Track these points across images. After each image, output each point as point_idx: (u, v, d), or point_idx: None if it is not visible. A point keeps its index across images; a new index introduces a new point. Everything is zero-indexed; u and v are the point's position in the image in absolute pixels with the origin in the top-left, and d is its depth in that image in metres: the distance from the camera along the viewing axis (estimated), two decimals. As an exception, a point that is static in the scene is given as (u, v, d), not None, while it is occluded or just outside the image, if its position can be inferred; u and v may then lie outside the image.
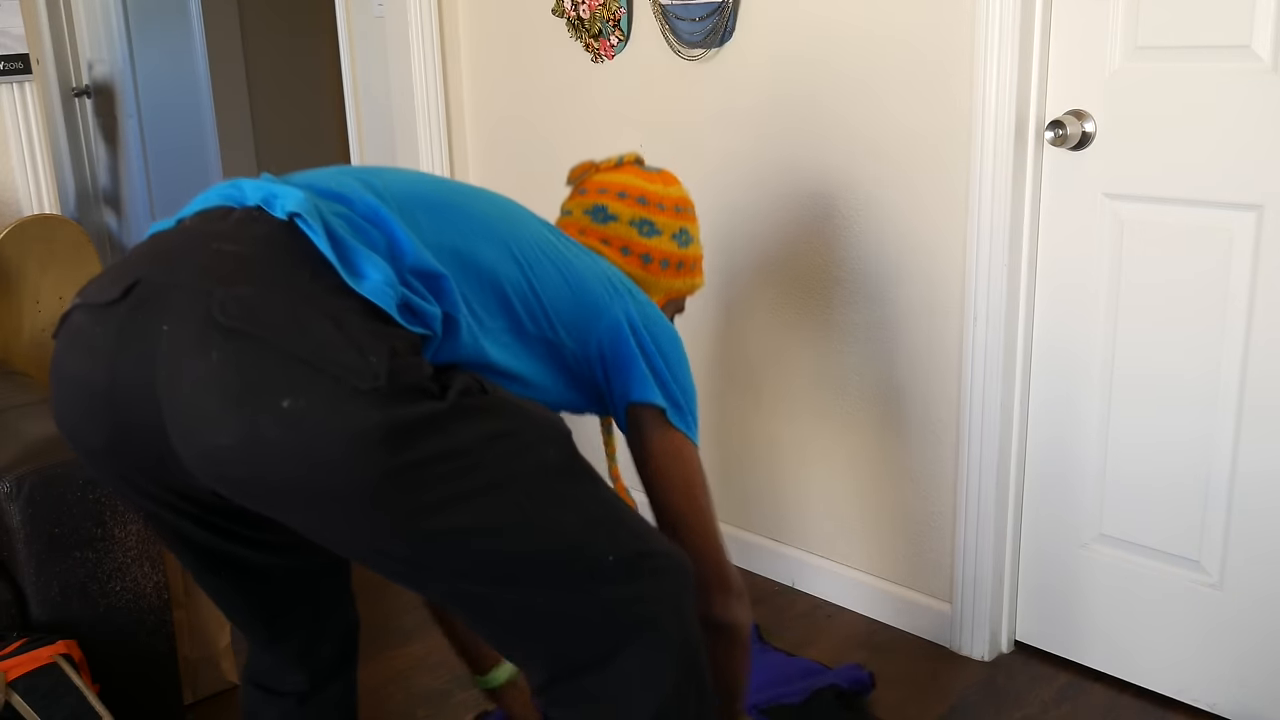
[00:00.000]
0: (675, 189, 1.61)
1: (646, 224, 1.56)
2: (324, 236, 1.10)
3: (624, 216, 1.56)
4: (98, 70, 5.12)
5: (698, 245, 1.63)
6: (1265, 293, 1.81)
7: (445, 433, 1.08)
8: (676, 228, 1.58)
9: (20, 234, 2.26)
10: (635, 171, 1.60)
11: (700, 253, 1.63)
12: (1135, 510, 2.03)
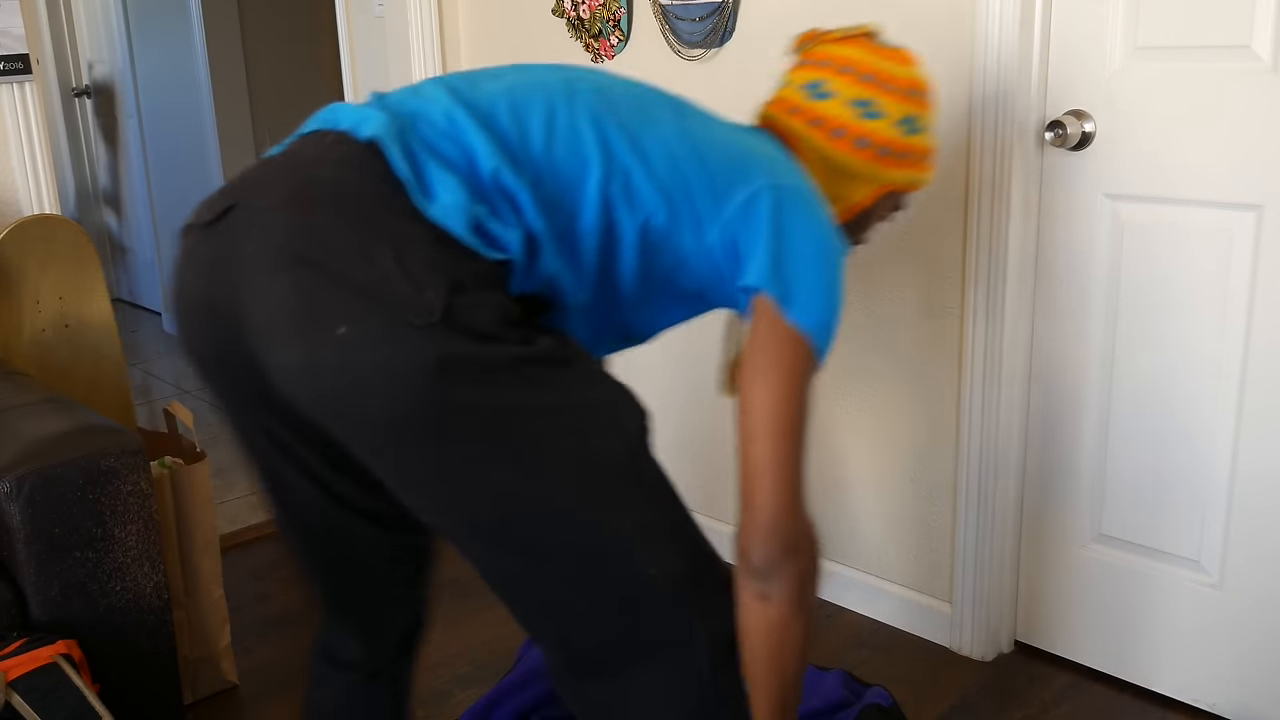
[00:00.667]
0: (909, 69, 1.41)
1: (867, 104, 1.38)
2: (401, 159, 1.10)
3: (843, 94, 1.38)
4: (98, 70, 5.12)
5: (928, 136, 1.43)
6: (1265, 293, 1.81)
7: (501, 386, 1.06)
8: (903, 112, 1.39)
9: (20, 234, 2.26)
10: (867, 45, 1.42)
11: (930, 145, 1.44)
12: (1135, 510, 2.03)
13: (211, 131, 4.28)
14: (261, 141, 4.39)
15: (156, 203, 4.85)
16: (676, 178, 1.20)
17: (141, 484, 1.80)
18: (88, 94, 5.25)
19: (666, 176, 1.20)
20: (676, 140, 1.22)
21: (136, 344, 4.82)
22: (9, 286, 2.26)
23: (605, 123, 1.20)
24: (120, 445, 1.79)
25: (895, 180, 1.41)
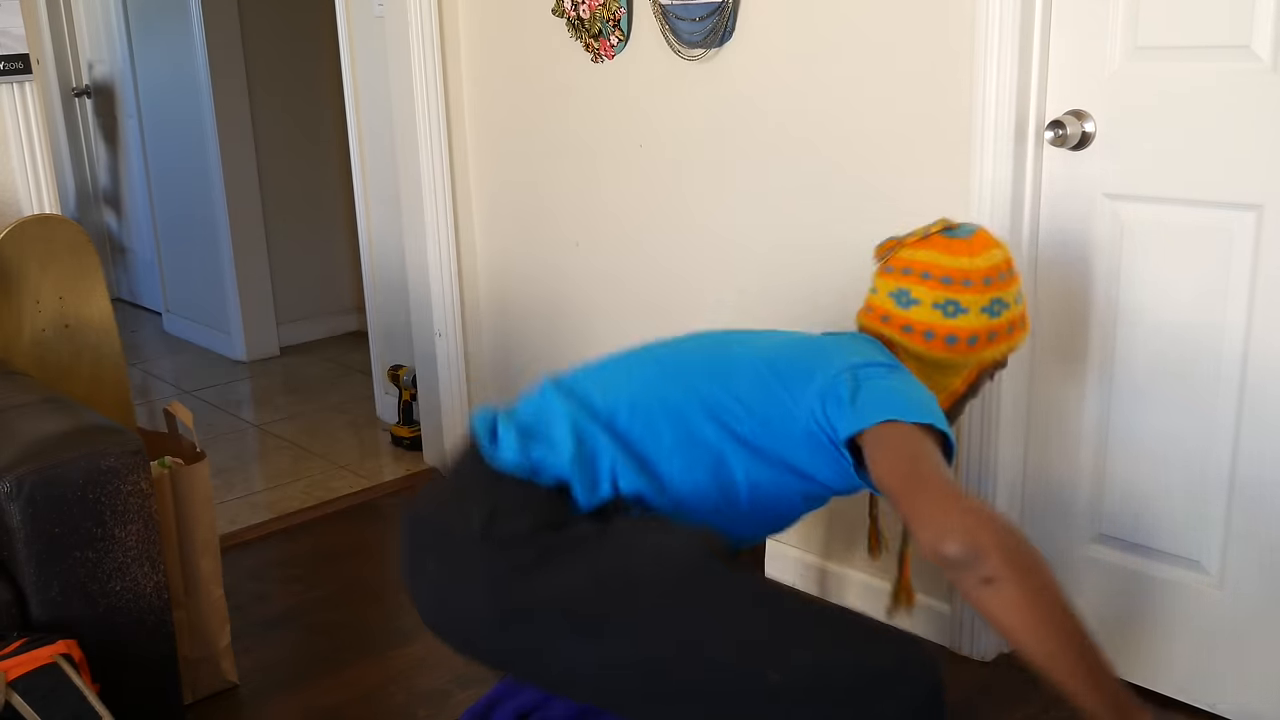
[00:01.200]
0: (983, 257, 1.55)
1: (951, 304, 1.52)
2: (510, 444, 1.43)
3: (926, 300, 1.53)
4: (98, 70, 5.12)
5: (1015, 307, 1.59)
6: (1265, 293, 1.81)
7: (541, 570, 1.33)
8: (986, 300, 1.54)
9: (20, 234, 2.26)
10: (942, 244, 1.55)
11: (1020, 310, 1.60)
12: (1135, 510, 2.03)
13: (211, 131, 4.28)
14: (262, 141, 4.39)
15: (156, 203, 4.85)
16: (764, 396, 1.41)
17: (141, 484, 1.80)
18: (88, 94, 5.25)
19: (759, 405, 1.41)
20: (757, 370, 1.44)
21: (136, 344, 4.82)
22: (9, 286, 2.26)
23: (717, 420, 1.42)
24: (120, 445, 1.79)
25: (988, 358, 1.58)
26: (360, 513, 3.02)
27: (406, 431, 3.43)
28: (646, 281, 2.69)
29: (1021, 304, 1.62)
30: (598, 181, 2.75)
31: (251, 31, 4.29)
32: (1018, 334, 1.61)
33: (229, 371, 4.41)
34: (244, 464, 3.42)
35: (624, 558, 1.32)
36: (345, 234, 4.62)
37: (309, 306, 4.69)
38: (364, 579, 2.65)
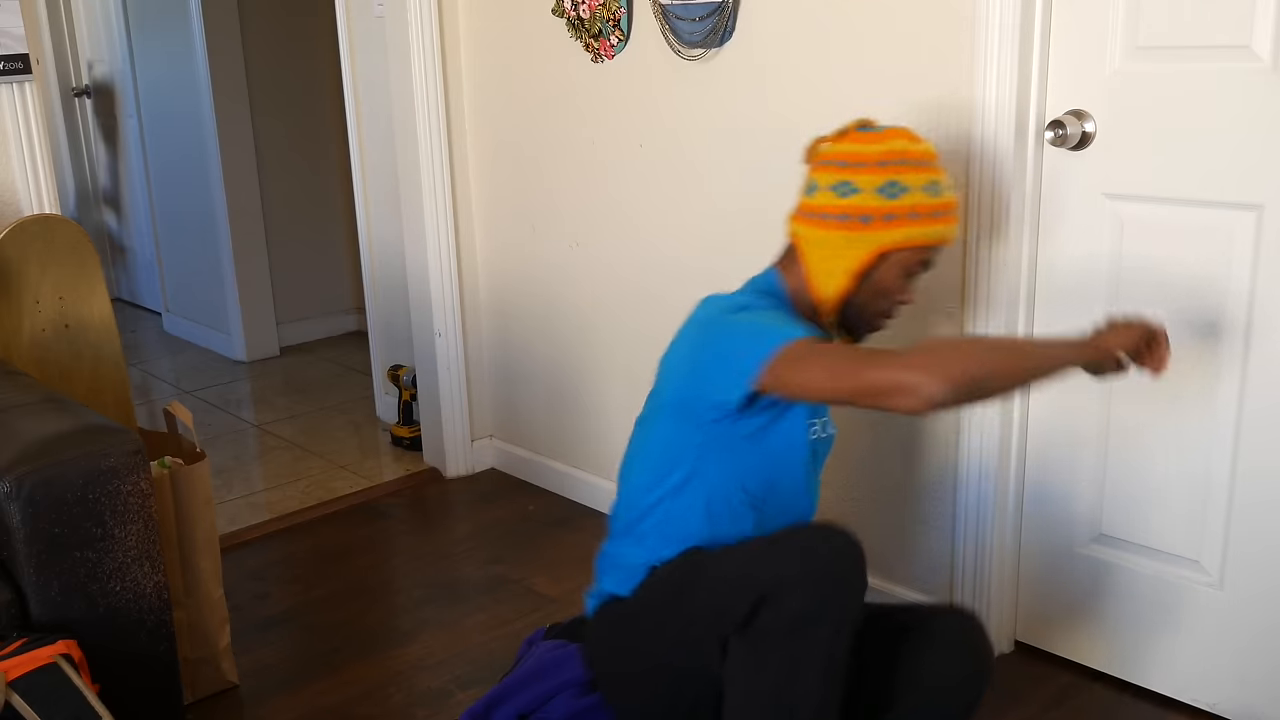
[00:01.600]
0: (883, 144, 1.59)
1: (845, 185, 1.58)
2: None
3: (824, 184, 1.60)
4: (98, 70, 5.12)
5: (920, 194, 1.57)
6: (1265, 293, 1.81)
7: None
8: (881, 181, 1.57)
9: (20, 234, 2.26)
10: (852, 137, 1.61)
11: (928, 201, 1.58)
12: (1135, 510, 2.03)
13: (211, 131, 4.28)
14: (261, 141, 4.39)
15: (156, 203, 4.85)
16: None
17: (141, 484, 1.80)
18: (88, 94, 5.25)
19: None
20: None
21: (136, 344, 4.82)
22: (9, 286, 2.26)
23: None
24: (120, 445, 1.78)
25: (887, 241, 1.57)
26: (360, 513, 3.02)
27: (406, 431, 3.43)
28: (646, 281, 2.69)
29: (934, 196, 1.58)
30: (598, 181, 2.75)
31: (251, 32, 4.29)
32: (925, 224, 1.57)
33: (229, 371, 4.41)
34: (244, 464, 3.43)
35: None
36: (345, 234, 4.62)
37: (309, 306, 4.69)
38: (364, 579, 2.65)
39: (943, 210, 1.59)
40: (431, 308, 3.09)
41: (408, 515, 3.01)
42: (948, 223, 1.60)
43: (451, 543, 2.84)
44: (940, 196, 1.60)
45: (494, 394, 3.23)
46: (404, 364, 3.45)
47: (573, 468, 3.03)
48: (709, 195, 2.50)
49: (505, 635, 2.36)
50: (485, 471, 3.25)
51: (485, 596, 2.53)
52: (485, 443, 3.26)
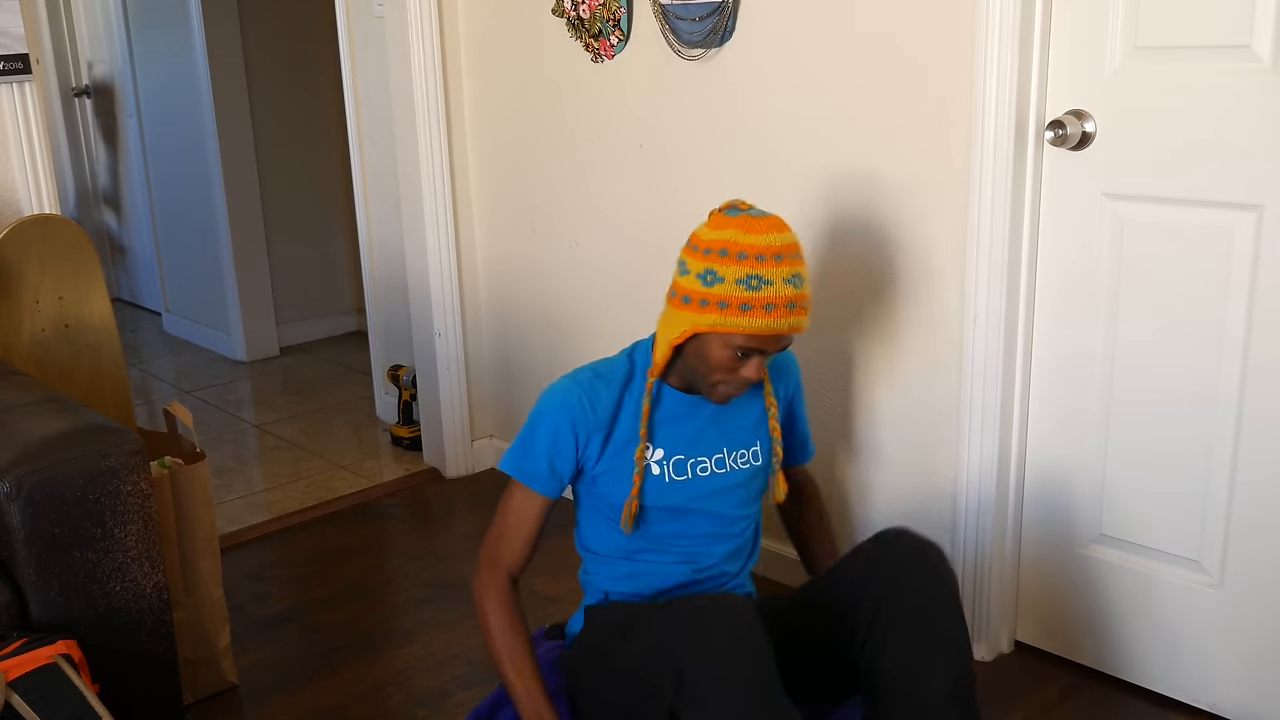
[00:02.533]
0: (716, 232, 1.66)
1: (681, 263, 1.70)
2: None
3: (677, 259, 1.72)
4: (98, 70, 5.12)
5: (729, 286, 1.62)
6: (1265, 293, 1.81)
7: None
8: (701, 268, 1.65)
9: (20, 234, 2.26)
10: (709, 219, 1.71)
11: (735, 294, 1.62)
12: (1135, 510, 2.03)
13: (211, 131, 4.28)
14: (261, 141, 4.39)
15: (156, 203, 4.85)
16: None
17: (141, 484, 1.80)
18: (88, 94, 5.25)
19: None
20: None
21: (136, 344, 4.82)
22: (9, 286, 2.26)
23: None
24: (120, 445, 1.78)
25: (700, 323, 1.65)
26: (360, 513, 3.02)
27: (406, 431, 3.43)
28: (646, 281, 2.69)
29: (748, 290, 1.62)
30: (597, 181, 2.75)
31: (251, 31, 4.29)
32: (732, 315, 1.62)
33: (229, 371, 4.41)
34: (244, 464, 3.42)
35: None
36: (345, 234, 4.62)
37: (309, 306, 4.69)
38: (364, 579, 2.65)
39: (754, 304, 1.61)
40: (431, 308, 3.09)
41: (408, 515, 3.01)
42: (763, 317, 1.61)
43: (451, 543, 2.83)
44: (757, 291, 1.61)
45: (494, 394, 3.23)
46: (404, 364, 3.45)
47: (573, 468, 3.02)
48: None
49: (505, 635, 2.36)
50: (485, 471, 3.25)
51: (485, 596, 2.53)
52: (485, 443, 3.26)
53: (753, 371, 1.67)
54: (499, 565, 1.78)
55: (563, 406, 1.73)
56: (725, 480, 1.80)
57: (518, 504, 1.78)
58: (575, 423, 1.73)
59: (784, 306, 1.62)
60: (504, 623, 1.75)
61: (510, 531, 1.78)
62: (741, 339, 1.64)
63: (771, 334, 1.64)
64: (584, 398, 1.73)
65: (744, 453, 1.82)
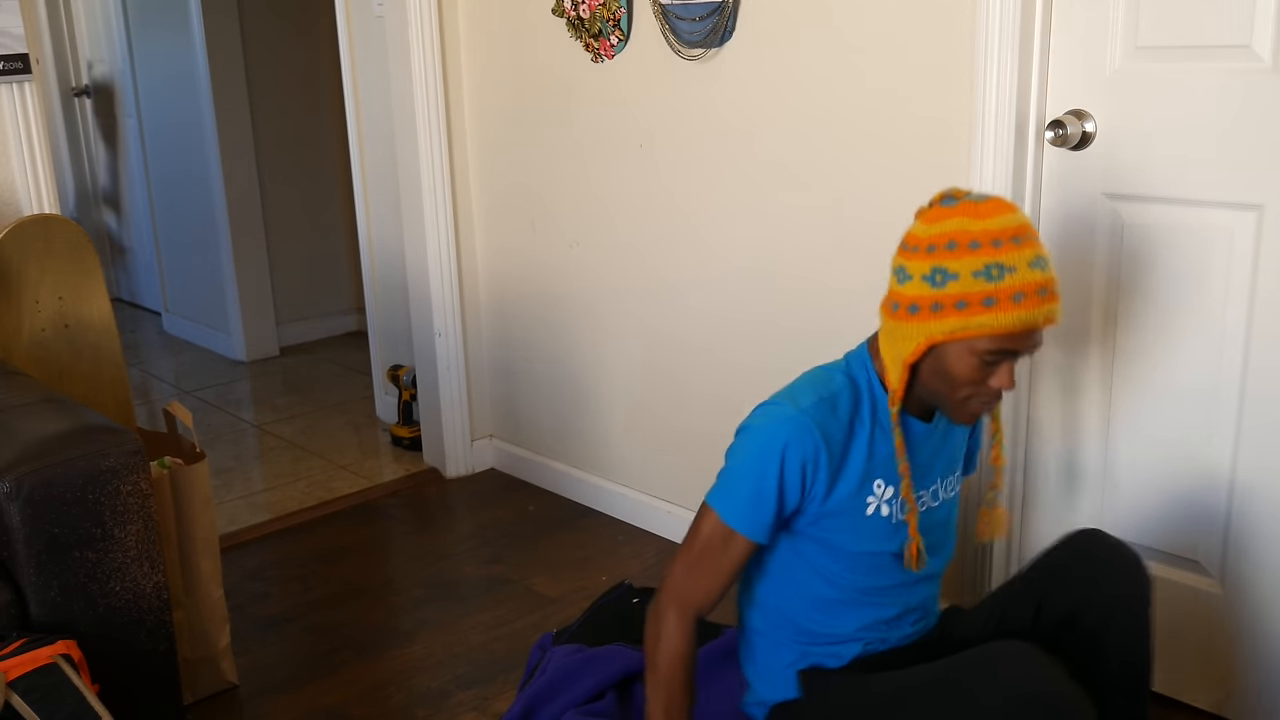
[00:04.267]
0: (936, 225, 1.47)
1: (899, 270, 1.50)
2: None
3: (893, 266, 1.53)
4: (98, 70, 5.12)
5: (971, 282, 1.42)
6: (1265, 293, 1.81)
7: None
8: (926, 268, 1.45)
9: (20, 234, 2.26)
10: (922, 215, 1.51)
11: (975, 289, 1.42)
12: (1135, 511, 2.03)
13: (211, 131, 4.28)
14: (261, 141, 4.39)
15: (156, 203, 4.85)
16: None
17: (141, 484, 1.80)
18: (88, 94, 5.25)
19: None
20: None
21: (136, 344, 4.82)
22: (9, 286, 2.26)
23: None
24: (120, 445, 1.78)
25: (936, 332, 1.45)
26: (360, 513, 3.02)
27: (406, 431, 3.43)
28: (645, 281, 2.69)
29: (989, 282, 1.42)
30: (597, 181, 2.75)
31: (251, 31, 4.29)
32: (973, 313, 1.42)
33: (229, 371, 4.41)
34: (244, 464, 3.42)
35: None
36: (345, 234, 4.62)
37: (309, 306, 4.69)
38: (364, 579, 2.65)
39: (999, 296, 1.41)
40: (431, 308, 3.09)
41: (408, 515, 3.01)
42: (1012, 310, 1.42)
43: (451, 543, 2.84)
44: (1000, 281, 1.41)
45: (494, 394, 3.23)
46: (404, 364, 3.45)
47: (573, 468, 3.02)
48: (709, 195, 2.50)
49: (505, 635, 2.36)
50: (485, 471, 3.25)
51: (485, 596, 2.53)
52: (485, 443, 3.26)
53: (1005, 380, 1.48)
54: (690, 603, 1.57)
55: (786, 441, 1.50)
56: (938, 514, 1.66)
57: (720, 543, 1.55)
58: (804, 461, 1.51)
59: (1034, 294, 1.41)
60: (675, 669, 1.57)
61: (708, 571, 1.56)
62: (988, 341, 1.43)
63: (1025, 329, 1.43)
64: (813, 429, 1.51)
65: (950, 479, 1.67)
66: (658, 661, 1.58)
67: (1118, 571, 1.58)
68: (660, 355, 2.71)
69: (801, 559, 1.60)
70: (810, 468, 1.51)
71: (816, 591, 1.61)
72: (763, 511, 1.53)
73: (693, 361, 2.63)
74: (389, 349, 3.62)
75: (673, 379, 2.69)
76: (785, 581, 1.62)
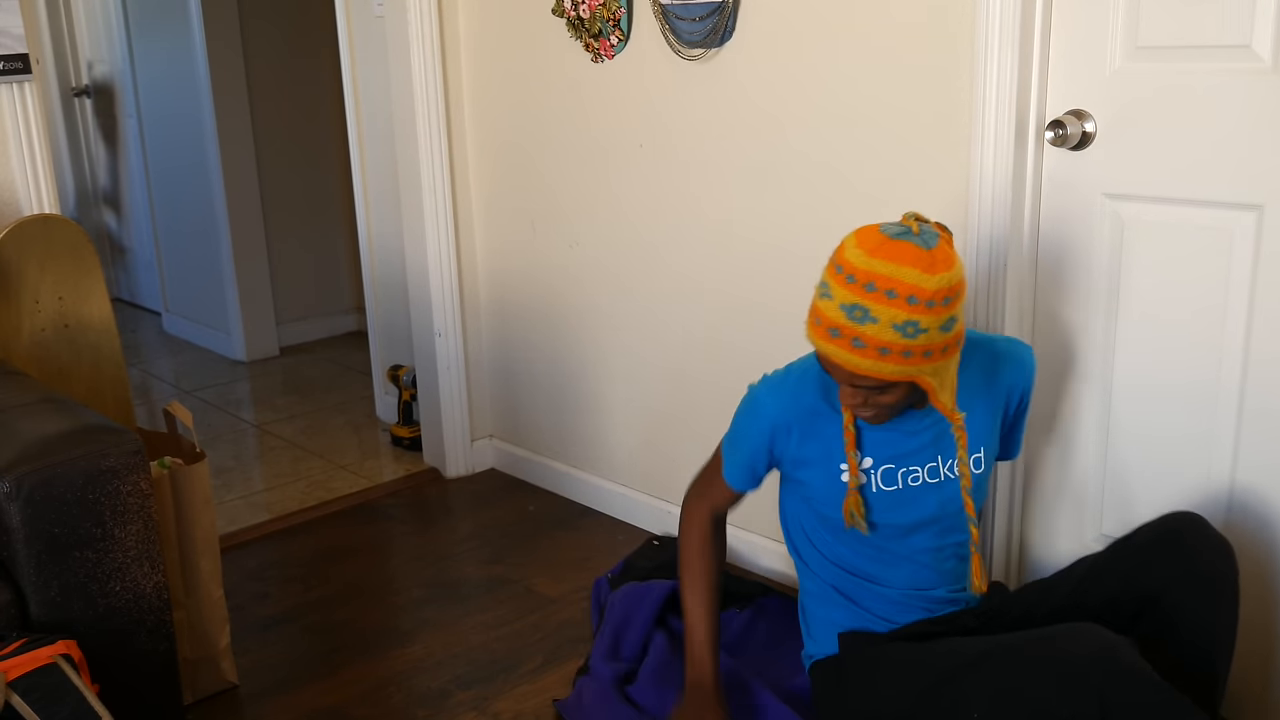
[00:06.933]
0: (839, 252, 1.61)
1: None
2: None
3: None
4: (98, 70, 5.12)
5: (818, 301, 1.62)
6: (1265, 293, 1.80)
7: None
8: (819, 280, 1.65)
9: (20, 234, 2.26)
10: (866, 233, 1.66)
11: (817, 306, 1.62)
12: (1135, 510, 2.03)
13: (211, 131, 4.28)
14: (261, 141, 4.39)
15: (156, 203, 4.85)
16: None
17: (141, 484, 1.80)
18: (88, 94, 5.25)
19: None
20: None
21: (136, 344, 4.82)
22: (9, 286, 2.26)
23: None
24: (120, 445, 1.79)
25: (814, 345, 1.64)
26: (360, 513, 3.02)
27: (406, 431, 3.43)
28: (645, 281, 2.69)
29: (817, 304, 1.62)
30: (597, 181, 2.75)
31: (251, 31, 4.29)
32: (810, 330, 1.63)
33: (229, 371, 4.41)
34: (244, 464, 3.42)
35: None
36: (345, 234, 4.62)
37: (309, 306, 4.69)
38: (364, 579, 2.65)
39: (818, 316, 1.60)
40: (431, 308, 3.09)
41: (407, 515, 3.01)
42: (819, 337, 1.60)
43: (451, 543, 2.84)
44: (820, 298, 1.60)
45: (494, 394, 3.23)
46: (404, 364, 3.45)
47: (573, 468, 3.03)
48: (709, 195, 2.50)
49: (505, 635, 2.36)
50: (485, 471, 3.25)
51: (485, 596, 2.53)
52: (485, 443, 3.26)
53: (846, 397, 1.65)
54: (705, 498, 1.93)
55: (760, 407, 1.79)
56: (941, 492, 1.76)
57: (716, 470, 1.89)
58: (774, 425, 1.77)
59: (826, 330, 1.59)
60: (695, 545, 1.91)
61: (715, 483, 1.90)
62: (828, 363, 1.62)
63: (823, 355, 1.61)
64: (784, 398, 1.77)
65: (952, 461, 1.76)
66: (682, 543, 1.93)
67: (1205, 556, 1.63)
68: (661, 355, 2.71)
69: (796, 517, 1.86)
70: (772, 434, 1.77)
71: (810, 548, 1.86)
72: (740, 465, 1.84)
73: (693, 361, 2.63)
74: (389, 349, 3.62)
75: (673, 378, 2.69)
76: (802, 543, 1.87)
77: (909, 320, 1.52)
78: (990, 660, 1.57)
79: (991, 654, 1.57)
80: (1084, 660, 1.46)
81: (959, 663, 1.61)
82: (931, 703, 1.62)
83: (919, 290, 1.51)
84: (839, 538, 1.80)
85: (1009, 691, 1.52)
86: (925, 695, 1.63)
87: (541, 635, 2.35)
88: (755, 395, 1.80)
